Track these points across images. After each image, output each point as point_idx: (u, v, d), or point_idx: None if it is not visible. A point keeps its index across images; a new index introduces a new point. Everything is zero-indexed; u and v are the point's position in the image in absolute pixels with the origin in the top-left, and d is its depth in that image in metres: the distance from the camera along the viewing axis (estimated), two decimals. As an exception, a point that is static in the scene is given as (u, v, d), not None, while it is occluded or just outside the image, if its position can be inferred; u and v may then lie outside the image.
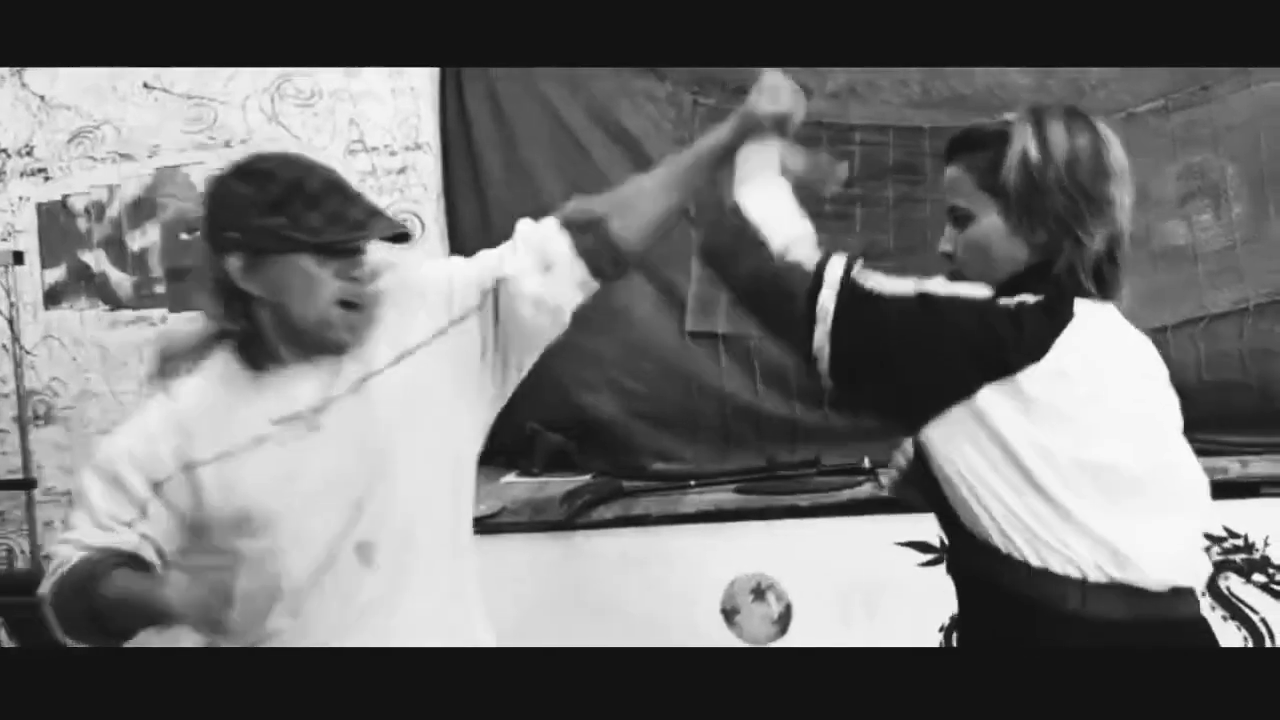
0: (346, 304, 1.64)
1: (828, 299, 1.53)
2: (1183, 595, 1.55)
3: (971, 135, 1.62)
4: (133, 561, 1.64)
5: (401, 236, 1.70)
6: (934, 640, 2.69)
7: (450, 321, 1.74)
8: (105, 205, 3.66)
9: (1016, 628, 1.54)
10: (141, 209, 3.65)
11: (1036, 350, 1.49)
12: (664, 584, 2.82)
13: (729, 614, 2.82)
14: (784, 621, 2.79)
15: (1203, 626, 1.60)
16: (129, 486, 1.66)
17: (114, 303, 3.66)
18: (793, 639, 2.78)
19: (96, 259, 3.66)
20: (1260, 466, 2.73)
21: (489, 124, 3.37)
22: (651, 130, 3.24)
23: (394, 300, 1.72)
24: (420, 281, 1.77)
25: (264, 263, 1.61)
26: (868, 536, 2.75)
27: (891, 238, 3.09)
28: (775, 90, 1.75)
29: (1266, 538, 2.65)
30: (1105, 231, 1.55)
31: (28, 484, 3.40)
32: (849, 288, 1.54)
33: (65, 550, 1.67)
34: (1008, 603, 1.54)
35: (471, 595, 1.83)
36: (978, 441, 1.50)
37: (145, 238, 3.66)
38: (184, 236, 3.62)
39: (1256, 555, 2.65)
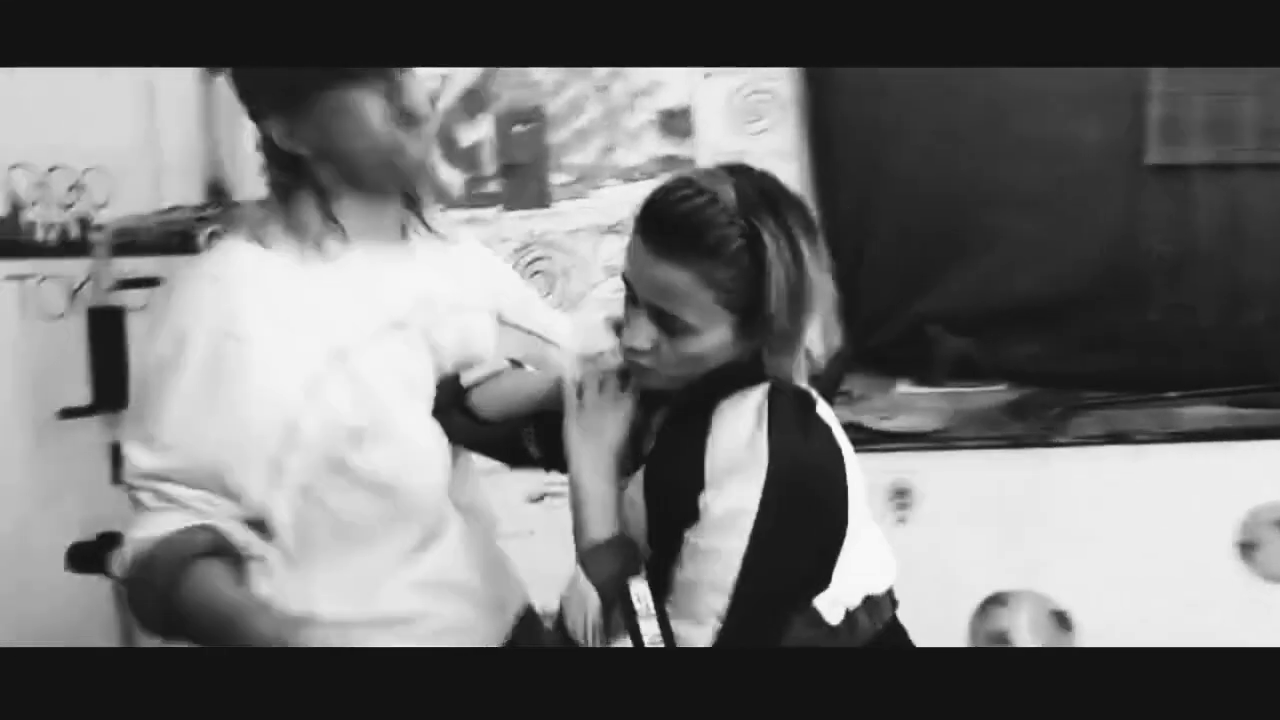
0: (406, 117, 1.39)
1: None
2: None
3: (691, 229, 1.26)
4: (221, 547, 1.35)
5: None
6: None
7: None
8: (435, 97, 3.37)
9: None
10: (473, 100, 3.35)
11: None
12: (1162, 511, 2.45)
13: (1247, 547, 2.44)
14: (1318, 558, 2.41)
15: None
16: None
17: (444, 201, 3.39)
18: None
19: (424, 154, 3.41)
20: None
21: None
22: None
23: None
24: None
25: (304, 113, 1.38)
26: None
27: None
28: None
29: None
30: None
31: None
32: None
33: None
34: None
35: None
36: None
37: (477, 131, 3.37)
38: (517, 129, 3.33)
39: None
